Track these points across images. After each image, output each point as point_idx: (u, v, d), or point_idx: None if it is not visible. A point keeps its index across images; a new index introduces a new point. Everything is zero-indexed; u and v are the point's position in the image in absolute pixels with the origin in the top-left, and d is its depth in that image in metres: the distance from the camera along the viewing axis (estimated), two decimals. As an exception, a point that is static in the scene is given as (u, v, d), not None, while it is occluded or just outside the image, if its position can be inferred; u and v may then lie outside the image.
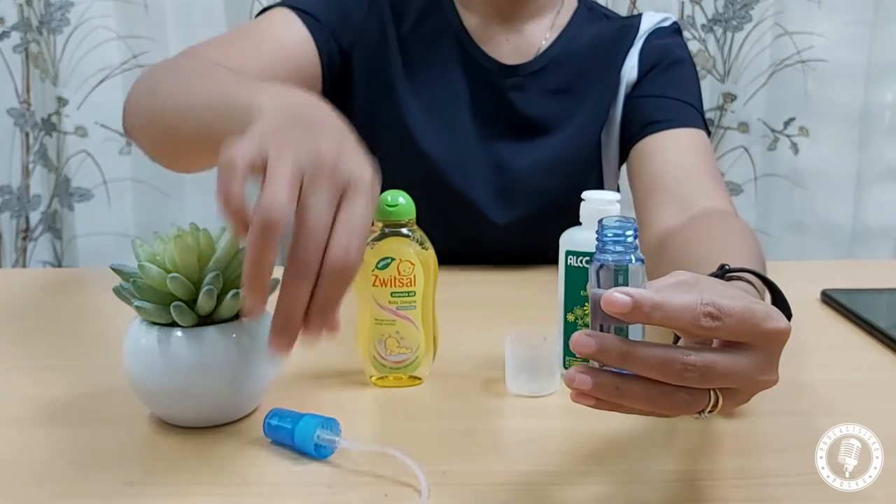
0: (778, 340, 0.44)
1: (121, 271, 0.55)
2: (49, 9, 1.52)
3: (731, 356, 0.42)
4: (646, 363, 0.41)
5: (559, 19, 1.02)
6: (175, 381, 0.53)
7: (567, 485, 0.48)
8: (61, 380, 0.64)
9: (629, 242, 0.44)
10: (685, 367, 0.41)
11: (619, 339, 0.41)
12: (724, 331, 0.42)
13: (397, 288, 0.61)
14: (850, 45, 1.53)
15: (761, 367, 0.44)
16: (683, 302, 0.41)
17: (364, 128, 1.00)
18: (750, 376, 0.43)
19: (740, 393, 0.45)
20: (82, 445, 0.53)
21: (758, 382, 0.44)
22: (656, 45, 1.00)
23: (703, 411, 0.43)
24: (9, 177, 1.62)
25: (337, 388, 0.63)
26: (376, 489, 0.48)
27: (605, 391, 0.41)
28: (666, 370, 0.41)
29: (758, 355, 0.43)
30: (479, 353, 0.68)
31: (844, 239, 1.61)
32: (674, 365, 0.40)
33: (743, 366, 0.42)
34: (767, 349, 0.44)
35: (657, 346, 0.41)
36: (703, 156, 0.91)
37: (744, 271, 0.57)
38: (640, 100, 0.98)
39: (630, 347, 0.41)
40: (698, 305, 0.41)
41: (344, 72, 0.97)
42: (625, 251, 0.44)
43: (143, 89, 0.79)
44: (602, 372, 0.41)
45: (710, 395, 0.43)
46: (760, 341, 0.43)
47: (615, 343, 0.41)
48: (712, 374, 0.41)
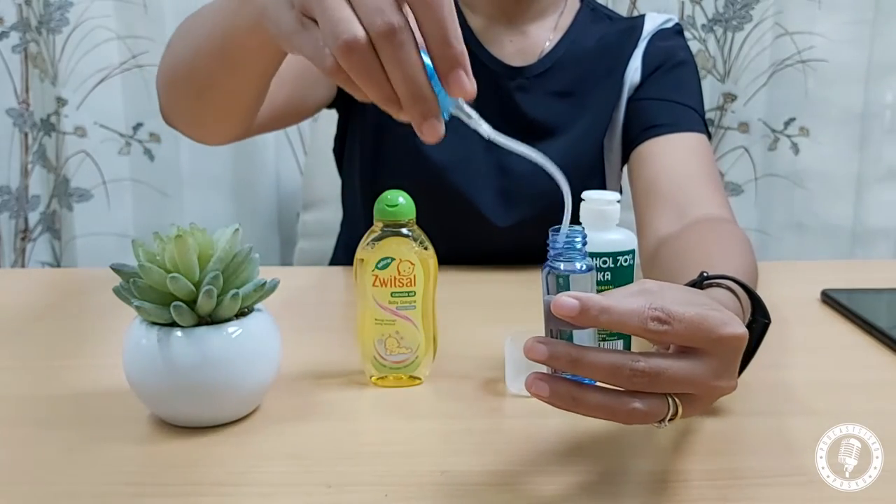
0: (732, 346, 0.44)
1: (121, 271, 0.54)
2: (48, 9, 1.52)
3: (684, 362, 0.43)
4: (595, 368, 0.41)
5: (562, 20, 1.02)
6: (175, 381, 0.53)
7: (567, 485, 0.48)
8: (61, 380, 0.64)
9: (578, 249, 0.46)
10: (634, 373, 0.41)
11: (569, 346, 0.42)
12: (673, 335, 0.42)
13: (397, 288, 0.61)
14: (850, 45, 1.53)
15: (717, 372, 0.44)
16: (631, 306, 0.42)
17: (372, 128, 1.01)
18: (705, 382, 0.43)
19: (698, 400, 0.45)
20: (82, 445, 0.53)
21: (714, 388, 0.45)
22: (659, 47, 1.00)
23: (663, 420, 0.44)
24: (8, 177, 1.62)
25: (337, 388, 0.63)
26: (376, 489, 0.48)
27: (561, 399, 0.42)
28: (615, 375, 0.41)
29: (712, 361, 0.43)
30: (479, 353, 0.68)
31: (845, 239, 1.61)
32: (623, 370, 0.41)
33: (696, 371, 0.43)
34: (722, 355, 0.44)
35: (607, 352, 0.42)
36: (702, 161, 0.91)
37: (722, 278, 0.57)
38: (642, 102, 0.98)
39: (580, 353, 0.42)
40: (646, 310, 0.42)
41: None
42: (574, 259, 0.46)
43: (161, 62, 0.79)
44: (559, 380, 0.42)
45: (669, 404, 0.43)
46: (714, 347, 0.43)
47: (565, 349, 0.42)
48: (662, 380, 0.42)
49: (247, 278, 0.56)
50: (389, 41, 0.41)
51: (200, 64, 0.69)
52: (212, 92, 0.73)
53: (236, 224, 0.56)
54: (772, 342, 0.72)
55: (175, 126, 0.84)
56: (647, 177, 0.92)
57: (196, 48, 0.69)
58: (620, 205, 0.64)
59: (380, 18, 0.40)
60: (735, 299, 0.55)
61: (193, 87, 0.73)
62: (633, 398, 0.42)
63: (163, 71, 0.79)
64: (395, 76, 0.42)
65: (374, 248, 0.60)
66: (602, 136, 1.00)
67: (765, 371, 0.66)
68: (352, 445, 0.53)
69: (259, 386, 0.57)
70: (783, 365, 0.68)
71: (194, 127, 0.82)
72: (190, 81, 0.73)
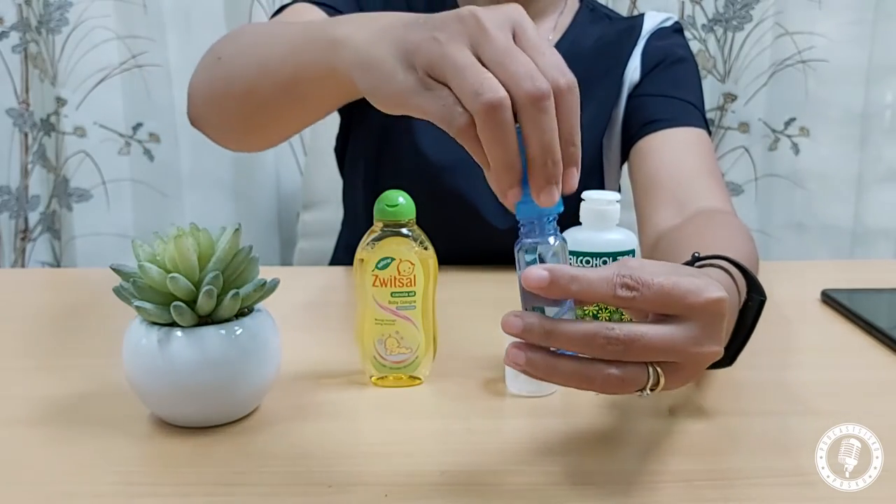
0: (711, 311, 0.44)
1: (121, 271, 0.54)
2: (48, 9, 1.52)
3: (661, 328, 0.43)
4: (569, 339, 0.42)
5: (562, 20, 1.02)
6: (175, 381, 0.53)
7: (567, 485, 0.48)
8: (61, 380, 0.64)
9: (549, 224, 0.46)
10: (609, 341, 0.41)
11: (542, 318, 0.42)
12: (642, 301, 0.42)
13: (397, 288, 0.61)
14: (850, 45, 1.53)
15: (696, 339, 0.43)
16: (601, 274, 0.42)
17: (375, 129, 1.01)
18: (684, 349, 0.43)
19: (682, 368, 0.44)
20: (82, 445, 0.53)
21: (695, 355, 0.44)
22: (658, 45, 1.00)
23: (644, 389, 0.43)
24: (8, 177, 1.62)
25: (337, 388, 0.63)
26: (376, 489, 0.47)
27: (536, 368, 0.42)
28: (590, 344, 0.41)
29: (690, 327, 0.43)
30: (479, 353, 0.68)
31: (845, 240, 1.61)
32: (597, 339, 0.41)
33: (674, 338, 0.43)
34: (701, 320, 0.44)
35: (581, 322, 0.42)
36: (702, 155, 0.91)
37: (715, 258, 0.56)
38: (641, 99, 0.98)
39: (553, 325, 0.42)
40: (615, 277, 0.42)
41: None
42: (544, 233, 0.46)
43: (206, 68, 0.76)
44: (535, 348, 0.42)
45: (649, 373, 0.43)
46: (691, 312, 0.43)
47: (539, 322, 0.42)
48: (638, 347, 0.42)
49: (247, 278, 0.56)
50: (537, 106, 0.41)
51: (262, 88, 0.66)
52: (266, 116, 0.70)
53: (237, 224, 0.56)
54: (772, 342, 0.73)
55: (204, 131, 0.81)
56: (646, 171, 0.92)
57: (261, 71, 0.65)
58: (620, 204, 0.64)
59: (531, 83, 0.41)
60: (728, 278, 0.55)
61: (247, 106, 0.70)
62: (609, 365, 0.42)
63: (209, 81, 0.75)
64: (535, 140, 0.42)
65: (374, 248, 0.60)
66: (601, 135, 1.00)
67: (765, 371, 0.66)
68: (352, 445, 0.53)
69: (259, 386, 0.57)
70: (783, 365, 0.68)
71: (229, 138, 0.79)
72: (244, 101, 0.70)
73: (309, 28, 0.60)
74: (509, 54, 0.42)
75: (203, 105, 0.77)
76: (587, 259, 0.62)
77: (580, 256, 0.62)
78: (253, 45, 0.68)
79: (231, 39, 0.75)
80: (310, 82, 0.57)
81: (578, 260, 0.62)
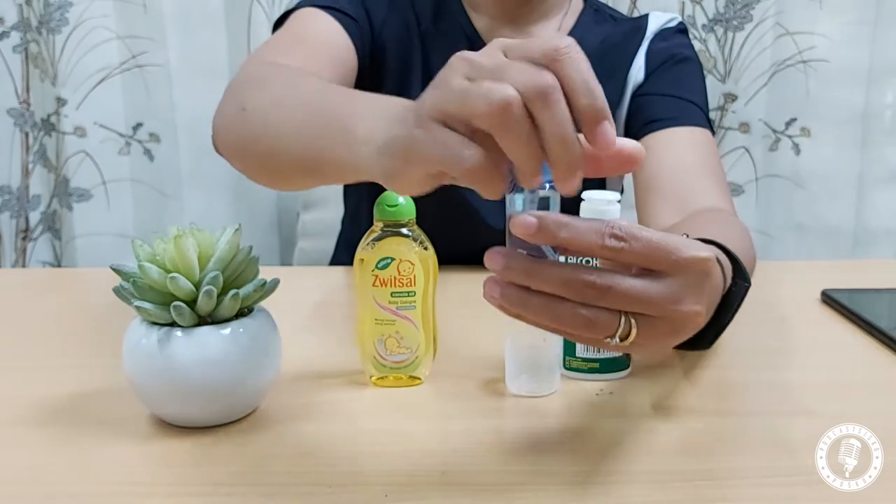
0: (695, 269, 0.44)
1: (121, 271, 0.54)
2: (48, 9, 1.52)
3: (641, 280, 0.43)
4: (548, 279, 0.42)
5: (566, 21, 1.02)
6: (175, 381, 0.53)
7: (567, 485, 0.48)
8: (61, 380, 0.64)
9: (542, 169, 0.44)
10: (586, 285, 0.42)
11: (524, 258, 0.43)
12: (629, 253, 0.42)
13: (397, 288, 0.61)
14: (851, 46, 1.53)
15: (676, 295, 0.44)
16: (590, 224, 0.42)
17: None
18: (662, 303, 0.43)
19: (658, 324, 0.44)
20: (82, 445, 0.53)
21: (674, 311, 0.44)
22: (662, 46, 1.00)
23: (613, 337, 0.43)
24: (8, 177, 1.62)
25: (337, 388, 0.63)
26: (376, 489, 0.47)
27: (510, 302, 0.43)
28: (567, 286, 0.42)
29: (673, 283, 0.43)
30: (479, 353, 0.68)
31: (846, 240, 1.61)
32: (575, 282, 0.42)
33: (652, 291, 0.43)
34: (685, 277, 0.44)
35: (562, 265, 0.43)
36: (704, 154, 0.91)
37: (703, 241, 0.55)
38: (644, 98, 0.98)
39: (534, 265, 0.42)
40: (604, 227, 0.42)
41: (371, 69, 0.97)
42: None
43: (229, 114, 0.73)
44: (510, 285, 0.43)
45: (620, 321, 0.43)
46: (675, 269, 0.43)
47: (521, 261, 0.43)
48: (613, 294, 0.42)
49: (247, 278, 0.56)
50: (545, 100, 0.41)
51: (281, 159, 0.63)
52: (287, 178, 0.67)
53: (237, 224, 0.56)
54: (772, 342, 0.73)
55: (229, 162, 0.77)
56: (648, 170, 0.91)
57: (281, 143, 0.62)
58: (622, 205, 0.64)
59: (532, 80, 0.41)
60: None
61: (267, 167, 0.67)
62: (581, 306, 0.42)
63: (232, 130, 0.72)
64: (550, 132, 0.41)
65: (374, 248, 0.60)
66: None
67: (765, 371, 0.66)
68: (352, 445, 0.53)
69: (259, 386, 0.57)
70: (783, 365, 0.68)
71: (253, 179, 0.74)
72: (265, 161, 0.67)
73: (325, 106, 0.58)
74: (503, 66, 0.42)
75: (226, 149, 0.75)
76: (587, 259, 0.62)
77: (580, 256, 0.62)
78: (276, 106, 0.66)
79: (258, 85, 0.72)
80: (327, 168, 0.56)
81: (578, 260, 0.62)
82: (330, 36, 0.91)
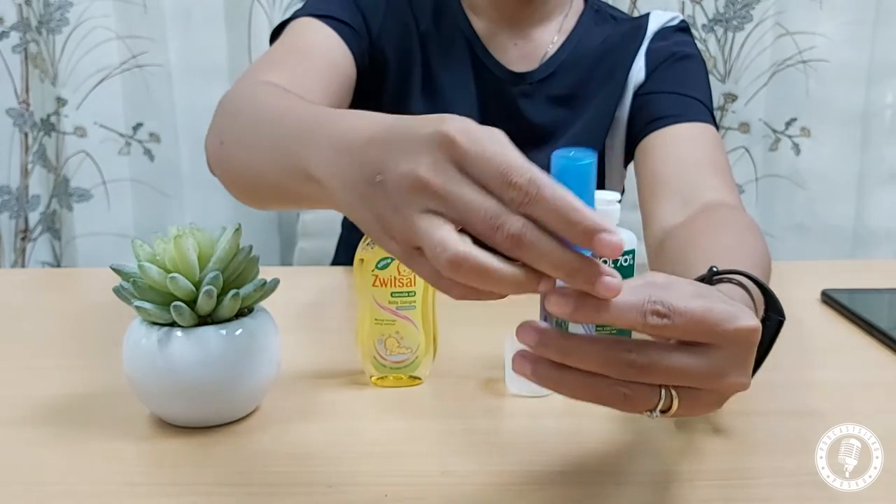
0: (743, 340, 0.42)
1: (121, 271, 0.54)
2: (48, 9, 1.52)
3: (685, 355, 0.41)
4: (587, 359, 0.40)
5: (567, 22, 1.02)
6: (175, 381, 0.53)
7: (567, 485, 0.48)
8: (61, 380, 0.64)
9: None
10: (627, 363, 0.40)
11: (560, 335, 0.40)
12: (674, 329, 0.40)
13: (397, 288, 0.61)
14: (851, 45, 1.53)
15: (722, 367, 0.42)
16: (630, 300, 0.40)
17: None
18: (707, 378, 0.41)
19: (701, 396, 0.43)
20: (82, 445, 0.53)
21: (721, 384, 0.42)
22: (662, 44, 1.00)
23: (654, 410, 0.42)
24: (8, 177, 1.62)
25: (337, 388, 0.63)
26: (376, 489, 0.47)
27: (544, 380, 0.41)
28: (607, 367, 0.40)
29: (719, 355, 0.41)
30: (479, 353, 0.68)
31: (846, 240, 1.61)
32: (614, 362, 0.40)
33: (698, 365, 0.41)
34: (732, 349, 0.42)
35: (599, 341, 0.40)
36: (708, 148, 0.89)
37: (733, 272, 0.54)
38: (647, 96, 0.97)
39: (570, 343, 0.40)
40: (646, 304, 0.40)
41: (371, 74, 0.97)
42: None
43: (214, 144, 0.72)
44: (542, 360, 0.41)
45: (661, 395, 0.41)
46: (722, 341, 0.41)
47: (556, 339, 0.40)
48: (655, 371, 0.40)
49: (247, 278, 0.56)
50: (519, 245, 0.38)
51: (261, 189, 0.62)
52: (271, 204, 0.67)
53: (237, 224, 0.56)
54: (772, 342, 0.73)
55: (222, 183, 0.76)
56: (651, 167, 0.90)
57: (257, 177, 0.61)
58: (623, 205, 0.64)
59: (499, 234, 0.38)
60: (746, 295, 0.53)
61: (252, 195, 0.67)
62: (618, 383, 0.41)
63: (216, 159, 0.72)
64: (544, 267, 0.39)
65: (374, 248, 0.60)
66: (603, 136, 1.00)
67: (765, 371, 0.66)
68: (352, 445, 0.53)
69: (259, 386, 0.57)
70: (783, 365, 0.68)
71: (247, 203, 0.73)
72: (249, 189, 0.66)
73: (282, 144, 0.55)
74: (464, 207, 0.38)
75: (218, 177, 0.74)
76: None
77: (580, 256, 0.62)
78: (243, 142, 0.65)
79: (233, 115, 0.70)
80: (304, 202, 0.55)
81: None
82: (325, 45, 0.91)
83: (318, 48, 0.90)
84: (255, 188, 0.64)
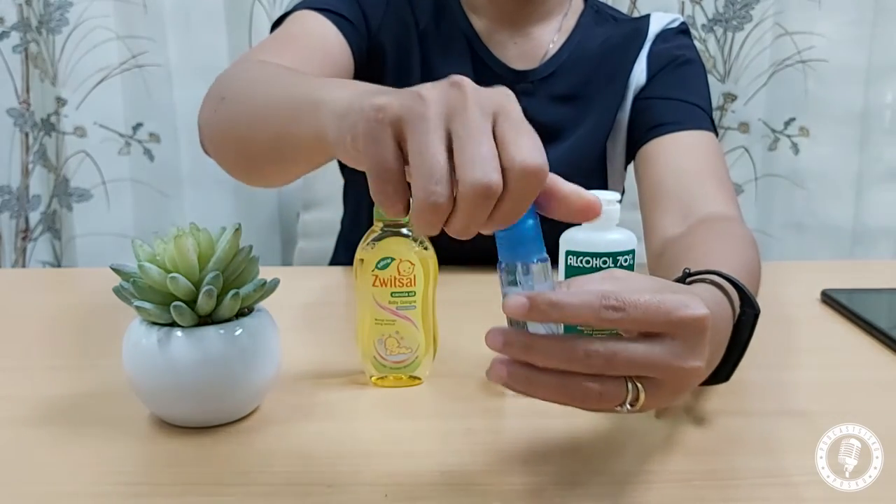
0: (694, 328, 0.44)
1: (121, 271, 0.54)
2: (48, 9, 1.52)
3: (642, 344, 0.43)
4: (548, 353, 0.42)
5: (566, 22, 1.02)
6: (175, 381, 0.53)
7: (567, 485, 0.48)
8: (61, 380, 0.64)
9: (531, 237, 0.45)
10: (588, 355, 0.42)
11: (521, 333, 0.43)
12: (630, 321, 0.42)
13: (397, 288, 0.61)
14: (850, 45, 1.53)
15: (677, 354, 0.43)
16: (583, 298, 0.42)
17: None
18: (666, 364, 0.43)
19: (664, 384, 0.44)
20: (82, 445, 0.53)
21: (677, 370, 0.44)
22: (664, 47, 1.00)
23: (623, 405, 0.43)
24: (8, 177, 1.62)
25: (337, 388, 0.63)
26: (376, 489, 0.48)
27: (518, 382, 0.43)
28: (570, 360, 0.42)
29: (673, 343, 0.43)
30: (479, 353, 0.67)
31: (845, 239, 1.61)
32: (576, 354, 0.42)
33: (655, 354, 0.43)
34: (684, 337, 0.44)
35: (561, 337, 0.42)
36: (708, 158, 0.90)
37: (706, 273, 0.56)
38: (647, 101, 0.98)
39: (532, 340, 0.42)
40: (599, 299, 0.42)
41: (370, 70, 0.97)
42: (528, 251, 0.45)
43: (211, 106, 0.74)
44: (515, 364, 0.43)
45: (628, 388, 0.43)
46: (674, 329, 0.43)
47: (518, 337, 0.42)
48: (618, 362, 0.42)
49: (247, 278, 0.56)
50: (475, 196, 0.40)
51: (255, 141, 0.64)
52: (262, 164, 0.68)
53: (237, 224, 0.56)
54: (772, 342, 0.73)
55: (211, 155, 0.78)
56: (652, 177, 0.91)
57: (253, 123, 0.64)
58: (623, 205, 0.64)
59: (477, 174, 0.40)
60: (719, 292, 0.54)
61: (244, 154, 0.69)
62: (588, 379, 0.42)
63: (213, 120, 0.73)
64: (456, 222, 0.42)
65: (374, 248, 0.60)
66: (605, 138, 1.00)
67: (765, 371, 0.66)
68: (352, 445, 0.53)
69: (259, 386, 0.57)
70: (783, 365, 0.68)
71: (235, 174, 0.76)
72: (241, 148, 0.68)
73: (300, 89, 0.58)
74: (473, 137, 0.41)
75: (208, 142, 0.76)
76: (587, 259, 0.62)
77: (580, 256, 0.62)
78: (253, 90, 0.67)
79: (235, 76, 0.73)
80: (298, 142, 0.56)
81: (578, 260, 0.62)
82: (323, 37, 0.91)
83: (316, 38, 0.90)
84: (251, 143, 0.65)
